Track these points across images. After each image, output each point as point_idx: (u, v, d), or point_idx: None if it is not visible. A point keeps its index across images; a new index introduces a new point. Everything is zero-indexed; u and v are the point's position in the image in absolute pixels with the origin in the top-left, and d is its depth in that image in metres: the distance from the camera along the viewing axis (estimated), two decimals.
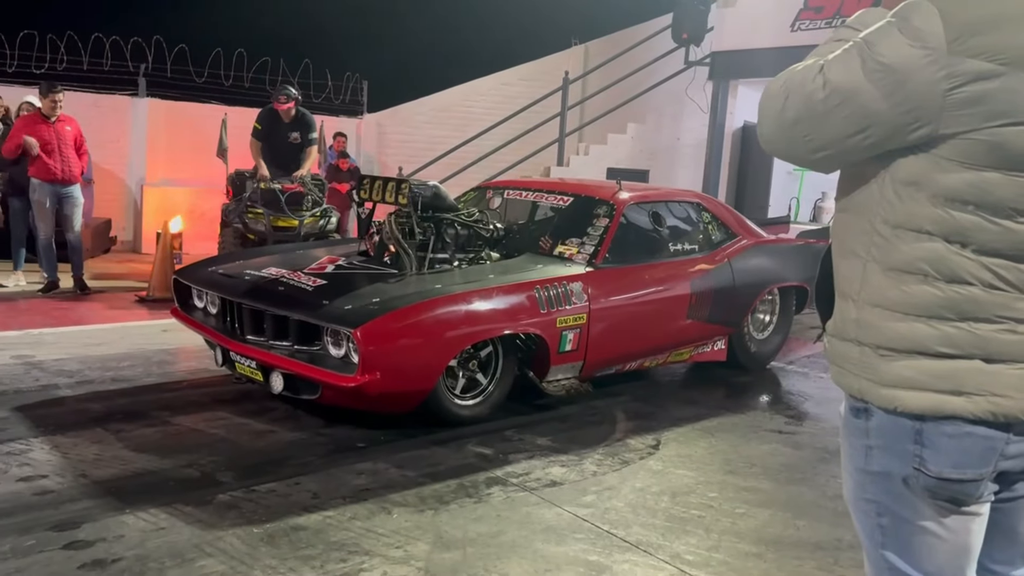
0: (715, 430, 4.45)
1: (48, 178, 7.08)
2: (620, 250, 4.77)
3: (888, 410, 1.42)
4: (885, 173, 1.40)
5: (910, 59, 1.30)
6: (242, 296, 4.13)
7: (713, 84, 10.19)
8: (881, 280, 1.42)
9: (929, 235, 1.36)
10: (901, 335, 1.39)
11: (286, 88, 7.74)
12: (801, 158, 1.45)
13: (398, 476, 3.54)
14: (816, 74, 1.37)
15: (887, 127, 1.34)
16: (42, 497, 3.09)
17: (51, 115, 7.10)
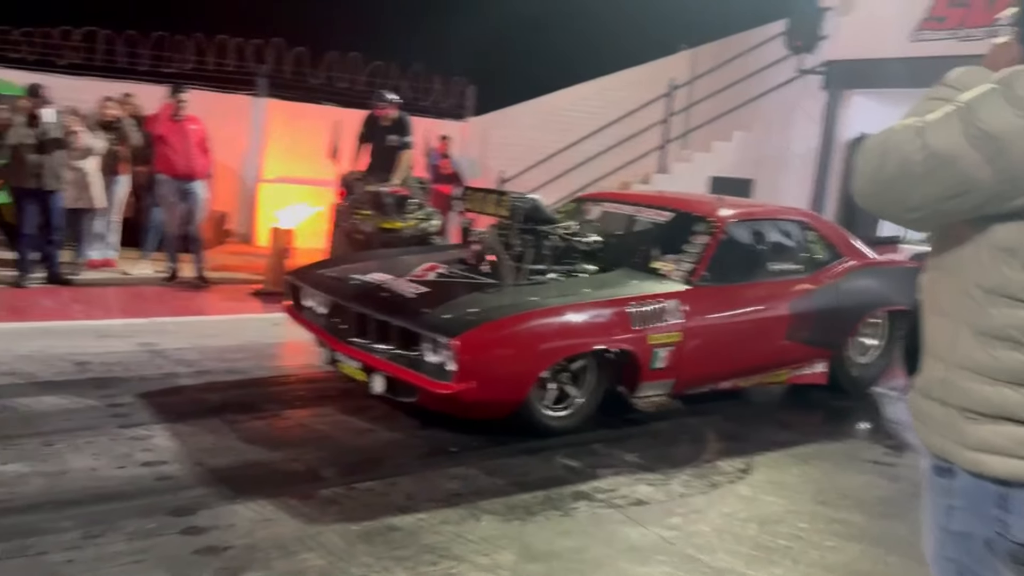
0: (809, 457, 4.37)
1: (172, 173, 7.57)
2: (718, 268, 4.74)
3: (972, 473, 1.41)
4: (981, 237, 1.40)
5: (1014, 128, 1.30)
6: (349, 300, 4.34)
7: (827, 93, 9.89)
8: (971, 343, 1.41)
9: (1022, 303, 1.35)
10: (988, 400, 1.39)
11: (385, 94, 8.10)
12: (895, 216, 1.46)
13: (488, 483, 3.65)
14: (915, 136, 1.38)
15: (986, 193, 1.34)
16: (162, 483, 3.36)
17: (177, 115, 7.59)
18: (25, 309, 6.17)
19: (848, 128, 9.96)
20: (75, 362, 4.87)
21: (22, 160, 6.73)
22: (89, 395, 4.31)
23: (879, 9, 9.30)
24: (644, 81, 12.18)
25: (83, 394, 4.32)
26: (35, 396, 4.23)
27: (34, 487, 3.20)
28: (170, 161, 7.53)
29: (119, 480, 3.34)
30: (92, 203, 7.55)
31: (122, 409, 4.15)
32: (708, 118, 11.02)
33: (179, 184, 7.60)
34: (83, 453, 3.56)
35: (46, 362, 4.83)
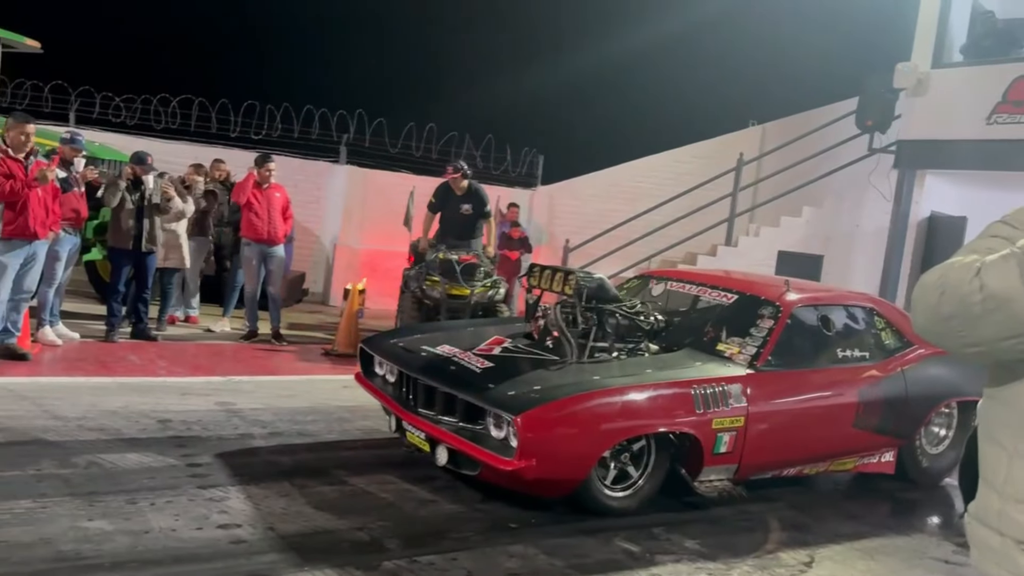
0: (875, 552, 4.27)
1: (256, 238, 7.97)
2: (784, 353, 4.74)
3: None
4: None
5: None
6: (417, 371, 4.50)
7: (898, 172, 9.81)
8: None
9: None
10: None
11: (456, 161, 8.46)
12: (954, 350, 1.51)
13: (546, 564, 3.69)
14: (973, 276, 1.43)
15: None
16: (236, 546, 3.51)
17: (264, 183, 8.02)
18: (112, 364, 6.53)
19: (920, 207, 9.85)
20: (158, 419, 5.14)
21: (122, 222, 7.20)
22: (170, 453, 4.54)
23: (954, 91, 9.26)
24: (713, 155, 12.31)
25: (165, 452, 4.55)
26: (120, 453, 4.48)
27: (119, 545, 3.39)
28: (254, 226, 7.93)
29: (197, 542, 3.50)
30: (182, 263, 7.99)
31: (200, 469, 4.36)
32: (776, 193, 11.03)
33: (262, 248, 7.99)
34: (164, 513, 3.75)
35: (131, 418, 5.10)
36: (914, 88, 9.60)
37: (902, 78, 9.57)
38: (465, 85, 16.84)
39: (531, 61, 17.58)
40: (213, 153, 10.33)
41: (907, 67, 9.56)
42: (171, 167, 9.19)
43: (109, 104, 11.52)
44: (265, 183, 8.02)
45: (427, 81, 16.88)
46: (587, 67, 16.10)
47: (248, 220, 7.96)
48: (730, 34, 15.88)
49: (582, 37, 17.12)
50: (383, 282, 10.41)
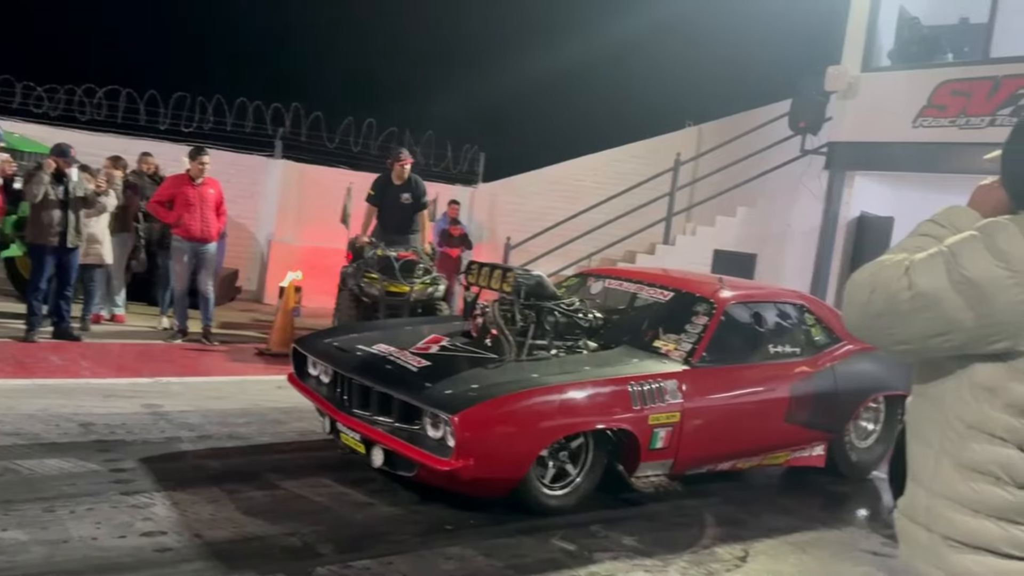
0: (807, 545, 4.35)
1: (187, 236, 7.72)
2: (718, 349, 4.80)
3: None
4: (963, 373, 1.46)
5: (995, 278, 1.37)
6: (352, 371, 4.40)
7: (829, 173, 10.08)
8: (952, 474, 1.47)
9: (1003, 441, 1.41)
10: (971, 530, 1.44)
11: (401, 150, 8.34)
12: (884, 348, 1.53)
13: (484, 564, 3.65)
14: (902, 275, 1.46)
15: (967, 335, 1.41)
16: (162, 555, 3.37)
17: (197, 177, 7.76)
18: (32, 365, 6.24)
19: (850, 208, 10.14)
20: (80, 423, 4.92)
21: (43, 217, 6.89)
22: (92, 459, 4.35)
23: (882, 95, 9.55)
24: (651, 154, 12.46)
25: (87, 457, 4.35)
26: (38, 458, 4.27)
27: (34, 555, 3.22)
28: (186, 223, 7.68)
29: (119, 551, 3.35)
30: (102, 259, 7.69)
31: (124, 475, 4.18)
32: (713, 193, 11.23)
33: (193, 245, 7.75)
34: (84, 521, 3.58)
35: (50, 422, 4.87)
36: (844, 91, 9.88)
37: (833, 81, 9.84)
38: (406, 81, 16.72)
39: (472, 59, 17.54)
40: (141, 146, 9.96)
41: (838, 71, 9.84)
42: (96, 160, 8.85)
43: (30, 94, 11.01)
44: (199, 177, 7.77)
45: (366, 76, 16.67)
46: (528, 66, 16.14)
47: (179, 216, 7.70)
48: (668, 37, 16.12)
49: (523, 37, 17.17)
50: (321, 279, 10.22)
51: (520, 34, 17.12)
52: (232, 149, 11.35)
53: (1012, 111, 8.62)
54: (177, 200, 7.69)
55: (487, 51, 17.38)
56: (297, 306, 8.22)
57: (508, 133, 14.27)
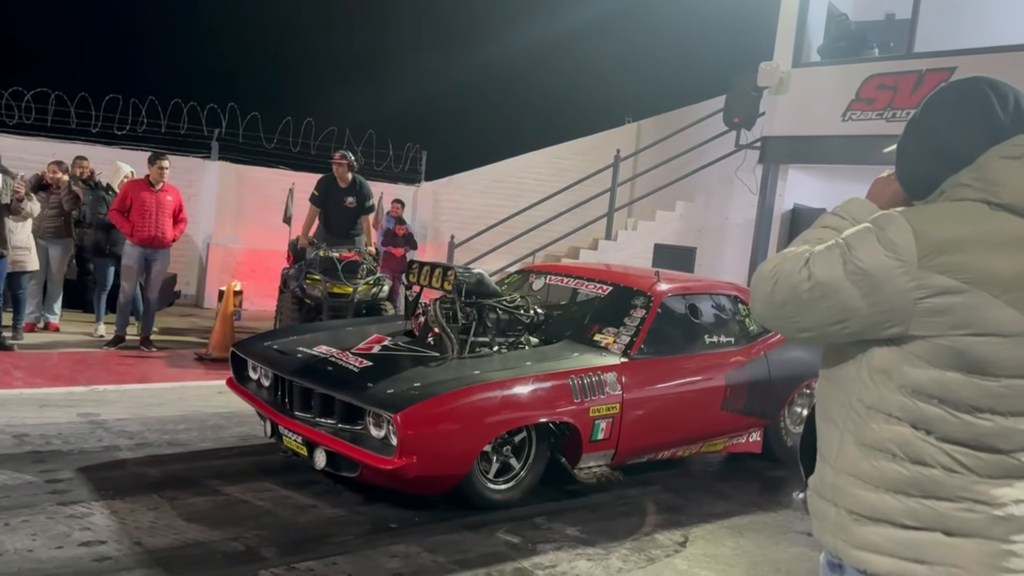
0: (744, 529, 4.49)
1: (140, 241, 7.57)
2: (656, 341, 4.92)
3: (859, 570, 1.55)
4: (862, 357, 1.56)
5: (885, 267, 1.46)
6: (292, 374, 4.39)
7: (763, 167, 10.35)
8: (855, 452, 1.57)
9: (898, 420, 1.51)
10: (872, 504, 1.54)
11: (342, 150, 8.30)
12: (789, 335, 1.62)
13: (429, 561, 3.69)
14: (803, 266, 1.54)
15: (863, 322, 1.50)
16: (100, 564, 3.32)
17: (157, 183, 7.62)
18: None
19: (784, 200, 10.42)
20: (13, 434, 4.80)
21: None
22: (27, 470, 4.25)
23: (813, 90, 9.84)
24: (592, 151, 12.61)
25: (21, 469, 4.26)
26: None
27: None
28: (139, 228, 7.52)
29: (56, 562, 3.30)
30: (26, 266, 7.47)
31: (61, 485, 4.10)
32: (653, 188, 11.42)
33: (145, 251, 7.61)
34: (20, 533, 3.51)
35: None
36: (776, 86, 10.14)
37: (765, 77, 10.10)
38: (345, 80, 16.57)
39: (413, 57, 17.49)
40: (74, 150, 9.71)
41: (769, 66, 10.09)
42: (27, 165, 8.61)
43: None
44: (158, 183, 7.63)
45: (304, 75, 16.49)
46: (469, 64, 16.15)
47: (133, 222, 7.54)
48: (606, 34, 16.32)
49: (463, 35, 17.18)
50: (262, 282, 10.12)
51: (460, 31, 17.16)
52: (167, 151, 11.11)
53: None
54: (134, 205, 7.54)
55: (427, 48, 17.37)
56: (238, 309, 8.11)
57: (450, 131, 14.29)
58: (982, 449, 1.48)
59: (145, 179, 7.70)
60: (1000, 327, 1.43)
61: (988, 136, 1.54)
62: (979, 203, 1.51)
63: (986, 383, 1.46)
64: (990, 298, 1.43)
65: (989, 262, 1.44)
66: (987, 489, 1.49)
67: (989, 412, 1.47)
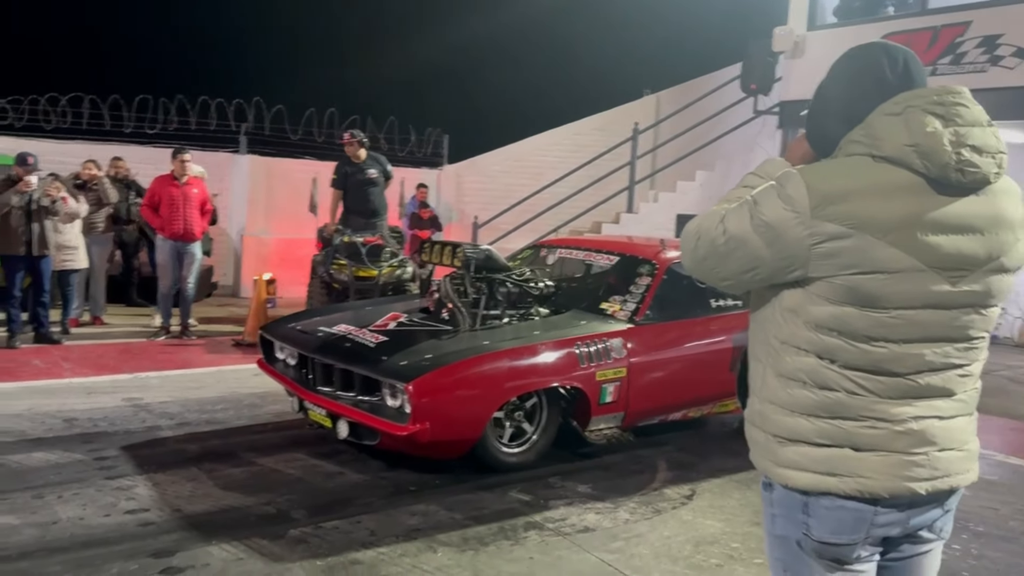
0: (752, 482, 4.67)
1: (170, 235, 7.94)
2: (661, 307, 5.09)
3: (783, 486, 1.76)
4: (775, 300, 1.76)
5: (784, 219, 1.65)
6: (314, 351, 4.67)
7: (783, 132, 10.36)
8: (774, 382, 1.77)
9: (805, 352, 1.71)
10: (789, 427, 1.74)
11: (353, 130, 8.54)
12: (712, 284, 1.83)
13: (446, 518, 3.95)
14: (719, 223, 1.75)
15: (770, 269, 1.70)
16: (144, 528, 3.65)
17: (180, 177, 7.96)
18: (15, 370, 6.47)
19: None
20: (64, 419, 5.18)
21: (8, 227, 7.08)
22: (77, 450, 4.61)
23: (829, 52, 9.76)
24: (611, 125, 12.70)
25: (71, 449, 4.62)
26: (26, 452, 4.53)
27: (26, 537, 3.50)
28: (169, 223, 7.88)
29: (105, 527, 3.63)
30: (75, 265, 7.88)
31: (107, 462, 4.45)
32: (673, 159, 11.49)
33: (176, 245, 7.97)
34: (72, 504, 3.86)
35: (36, 420, 5.13)
36: (792, 51, 10.13)
37: (780, 42, 10.09)
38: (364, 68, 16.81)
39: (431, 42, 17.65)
40: (109, 151, 10.11)
41: (784, 31, 10.09)
42: (67, 168, 9.01)
43: None
44: (181, 177, 7.96)
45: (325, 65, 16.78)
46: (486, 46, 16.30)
47: (163, 216, 7.91)
48: (620, 6, 16.29)
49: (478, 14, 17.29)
50: (294, 270, 10.44)
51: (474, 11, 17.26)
52: (198, 147, 11.50)
53: (951, 60, 8.92)
54: (162, 200, 7.90)
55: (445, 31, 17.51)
56: (272, 297, 8.45)
57: (470, 113, 14.48)
58: (880, 373, 1.67)
59: (170, 174, 8.03)
60: (885, 265, 1.62)
61: (879, 96, 1.71)
62: (865, 157, 1.68)
63: (877, 315, 1.64)
64: (873, 240, 1.61)
65: (871, 208, 1.61)
66: (887, 408, 1.68)
67: (883, 340, 1.66)
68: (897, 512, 1.72)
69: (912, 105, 1.67)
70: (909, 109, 1.66)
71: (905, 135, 1.65)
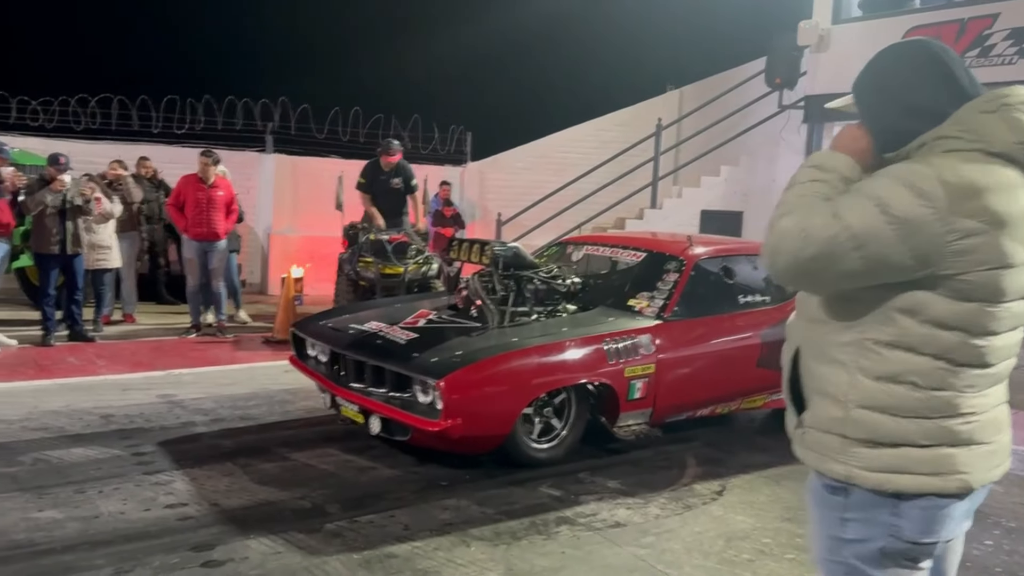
0: (781, 478, 4.68)
1: (194, 236, 8.06)
2: (689, 303, 5.10)
3: (875, 490, 1.73)
4: (881, 300, 1.70)
5: (920, 215, 1.62)
6: (346, 348, 4.74)
7: (808, 127, 10.29)
8: (870, 385, 1.72)
9: (917, 352, 1.69)
10: (887, 431, 1.72)
11: (391, 143, 8.62)
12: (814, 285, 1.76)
13: (478, 513, 4.00)
14: (832, 220, 1.65)
15: (895, 267, 1.65)
16: (183, 522, 3.74)
17: (206, 178, 8.07)
18: (51, 367, 6.61)
19: None
20: (100, 415, 5.29)
21: (45, 227, 7.22)
22: (115, 445, 4.71)
23: (854, 45, 9.72)
24: (634, 121, 12.68)
25: (109, 445, 4.72)
26: (66, 448, 4.64)
27: (70, 531, 3.59)
28: (194, 224, 7.99)
29: (145, 521, 3.72)
30: (108, 264, 8.02)
31: (145, 457, 4.55)
32: (696, 154, 11.45)
33: (201, 245, 8.08)
34: (112, 499, 3.95)
35: (74, 416, 5.24)
36: (817, 44, 10.05)
37: (805, 35, 10.02)
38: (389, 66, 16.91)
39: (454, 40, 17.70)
40: (138, 151, 10.26)
41: (809, 24, 10.01)
42: (96, 168, 9.16)
43: (26, 108, 11.30)
44: (207, 179, 8.05)
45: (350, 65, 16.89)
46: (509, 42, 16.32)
47: (188, 217, 8.02)
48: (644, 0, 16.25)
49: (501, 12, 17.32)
50: (320, 268, 10.53)
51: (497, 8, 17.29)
52: (225, 147, 11.64)
53: (979, 53, 8.82)
54: (187, 201, 8.02)
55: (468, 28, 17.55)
56: (299, 294, 8.54)
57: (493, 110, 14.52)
58: (983, 367, 1.71)
59: (196, 175, 8.13)
60: (1010, 259, 1.64)
61: (948, 91, 1.73)
62: (975, 153, 1.68)
63: (994, 309, 1.67)
64: (1002, 235, 1.63)
65: (1000, 204, 1.63)
66: (981, 400, 1.72)
67: (992, 334, 1.69)
68: (969, 503, 1.76)
69: (1006, 104, 1.69)
70: (1003, 108, 1.69)
71: (1009, 133, 1.67)
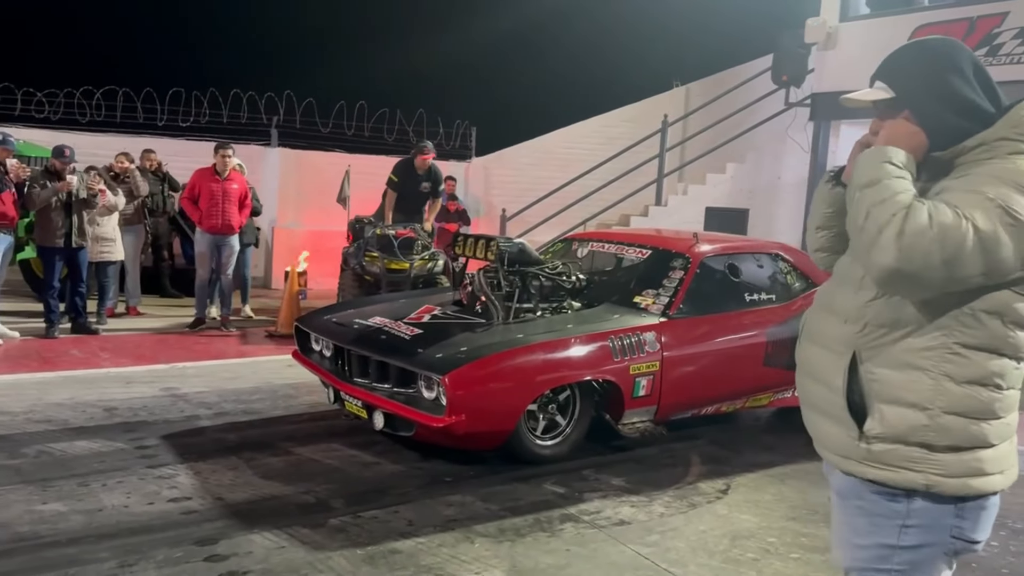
0: (786, 477, 4.67)
1: (208, 229, 8.05)
2: (694, 300, 5.08)
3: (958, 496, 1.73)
4: (966, 302, 1.69)
5: None
6: (350, 343, 4.72)
7: (814, 125, 10.25)
8: (957, 391, 1.71)
9: (999, 354, 1.71)
10: (972, 434, 1.72)
11: (426, 143, 8.59)
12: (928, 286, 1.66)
13: (482, 509, 3.99)
14: (961, 221, 1.62)
15: (1002, 269, 1.64)
16: (187, 516, 3.73)
17: (222, 172, 8.05)
18: (55, 359, 6.60)
19: (837, 157, 10.30)
20: (104, 408, 5.28)
21: (49, 219, 7.21)
22: (118, 439, 4.71)
23: (861, 43, 9.68)
24: (640, 117, 12.64)
25: (113, 438, 4.72)
26: (69, 441, 4.63)
27: (74, 523, 3.58)
28: (207, 217, 7.98)
29: (149, 515, 3.71)
30: (112, 256, 8.01)
31: (149, 451, 4.54)
32: (702, 151, 11.42)
33: (214, 238, 8.07)
34: (116, 492, 3.94)
35: (77, 409, 5.24)
36: (824, 42, 10.01)
37: (812, 33, 9.98)
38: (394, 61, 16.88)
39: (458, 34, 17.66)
40: (142, 143, 10.26)
41: (817, 22, 9.97)
42: (101, 160, 9.13)
43: (31, 100, 11.30)
44: (224, 172, 8.03)
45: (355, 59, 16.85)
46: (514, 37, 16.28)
47: (202, 210, 8.01)
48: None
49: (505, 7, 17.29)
50: (324, 262, 10.51)
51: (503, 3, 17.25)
52: (229, 140, 11.61)
53: (987, 51, 8.77)
54: (202, 194, 8.00)
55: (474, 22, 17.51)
56: (303, 288, 8.53)
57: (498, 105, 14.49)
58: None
59: (212, 168, 8.13)
60: None
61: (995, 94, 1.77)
62: None
63: None
64: None
65: None
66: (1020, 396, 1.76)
67: None
68: None
69: None
70: None
71: None
